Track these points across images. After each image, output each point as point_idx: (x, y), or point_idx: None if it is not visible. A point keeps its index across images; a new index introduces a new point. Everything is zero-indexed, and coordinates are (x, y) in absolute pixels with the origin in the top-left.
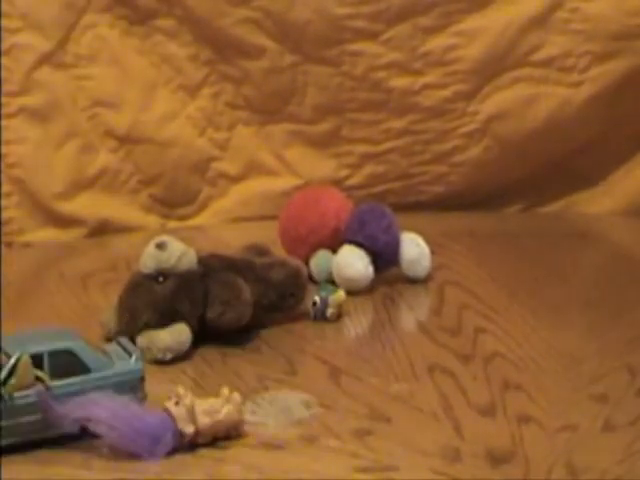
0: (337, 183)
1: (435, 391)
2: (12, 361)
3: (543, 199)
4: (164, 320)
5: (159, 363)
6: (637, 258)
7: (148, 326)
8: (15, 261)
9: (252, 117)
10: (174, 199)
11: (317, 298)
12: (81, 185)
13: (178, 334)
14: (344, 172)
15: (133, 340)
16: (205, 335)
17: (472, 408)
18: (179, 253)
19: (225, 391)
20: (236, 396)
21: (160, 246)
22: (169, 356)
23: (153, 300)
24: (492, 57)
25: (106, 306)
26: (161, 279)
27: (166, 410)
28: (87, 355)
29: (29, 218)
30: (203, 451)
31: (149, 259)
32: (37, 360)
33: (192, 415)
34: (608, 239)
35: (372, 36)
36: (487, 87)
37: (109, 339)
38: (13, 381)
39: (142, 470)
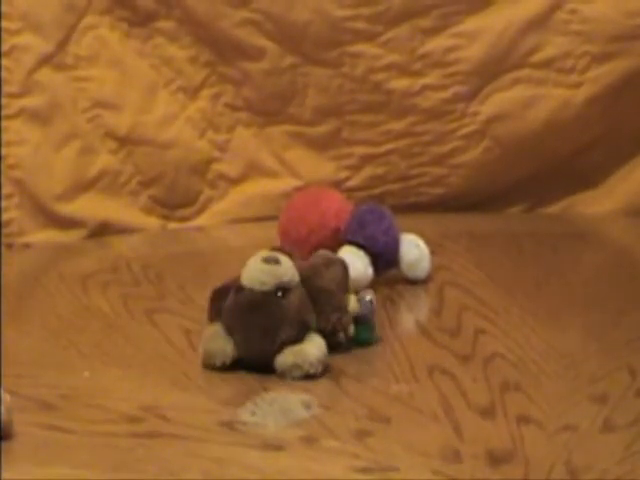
0: (337, 185)
1: (435, 392)
2: None
3: (543, 200)
4: (298, 334)
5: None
6: (638, 259)
7: (285, 343)
8: (15, 262)
9: (252, 119)
10: (174, 200)
11: None
12: (81, 186)
13: (320, 345)
14: (344, 174)
15: (267, 359)
16: None
17: (472, 409)
18: (291, 264)
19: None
20: (6, 397)
21: (272, 261)
22: (320, 369)
23: (285, 316)
24: (491, 58)
25: (206, 336)
26: (280, 294)
27: None
28: None
29: (29, 219)
30: (202, 452)
31: (265, 276)
32: None
33: None
34: (608, 240)
35: (371, 38)
36: (487, 88)
37: (222, 367)
38: None
39: (142, 470)
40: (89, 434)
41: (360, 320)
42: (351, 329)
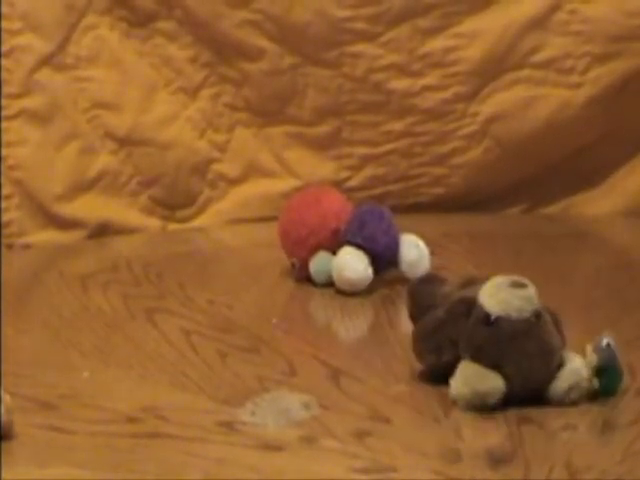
0: (337, 185)
1: (435, 392)
2: None
3: (543, 200)
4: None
5: None
6: (637, 259)
7: (557, 368)
8: (15, 263)
9: (252, 119)
10: (174, 201)
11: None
12: (81, 187)
13: (581, 360)
14: (344, 174)
15: (542, 388)
16: None
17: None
18: (533, 286)
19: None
20: (6, 397)
21: (521, 285)
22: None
23: (553, 340)
24: (492, 58)
25: (468, 378)
26: (533, 319)
27: None
28: None
29: (29, 220)
30: (202, 452)
31: (521, 301)
32: None
33: None
34: (608, 240)
35: (371, 38)
36: (487, 88)
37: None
38: None
39: (142, 470)
40: (89, 434)
41: (603, 370)
42: (595, 383)
